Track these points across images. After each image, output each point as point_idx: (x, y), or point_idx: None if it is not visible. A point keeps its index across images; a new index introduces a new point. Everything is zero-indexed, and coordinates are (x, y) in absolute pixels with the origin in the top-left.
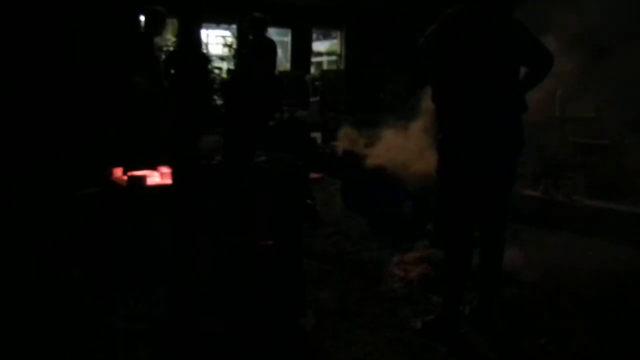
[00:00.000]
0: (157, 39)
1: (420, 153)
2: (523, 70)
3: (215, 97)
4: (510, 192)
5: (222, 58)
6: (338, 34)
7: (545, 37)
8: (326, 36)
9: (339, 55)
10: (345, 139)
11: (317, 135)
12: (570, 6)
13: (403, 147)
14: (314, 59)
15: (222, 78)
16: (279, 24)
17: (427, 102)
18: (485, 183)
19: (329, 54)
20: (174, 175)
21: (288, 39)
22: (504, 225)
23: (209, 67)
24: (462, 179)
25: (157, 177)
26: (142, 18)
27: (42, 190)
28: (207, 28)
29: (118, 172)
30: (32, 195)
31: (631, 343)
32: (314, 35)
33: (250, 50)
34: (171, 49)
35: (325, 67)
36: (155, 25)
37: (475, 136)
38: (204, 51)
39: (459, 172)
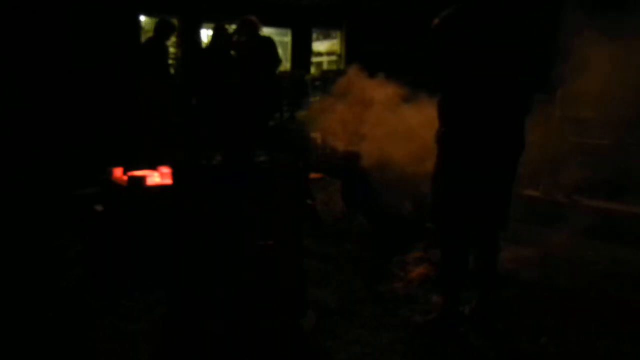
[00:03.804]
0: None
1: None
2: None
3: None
4: (510, 194)
5: None
6: (338, 34)
7: None
8: (326, 36)
9: (339, 55)
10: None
11: (317, 135)
12: None
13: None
14: (314, 59)
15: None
16: (279, 24)
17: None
18: (485, 179)
19: (329, 54)
20: (174, 175)
21: (288, 39)
22: (502, 227)
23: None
24: (462, 173)
25: (157, 177)
26: (142, 19)
27: (43, 190)
28: (207, 28)
29: (118, 172)
30: (33, 195)
31: (631, 344)
32: (314, 35)
33: (247, 51)
34: (171, 49)
35: (325, 67)
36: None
37: (480, 132)
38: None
39: (459, 167)
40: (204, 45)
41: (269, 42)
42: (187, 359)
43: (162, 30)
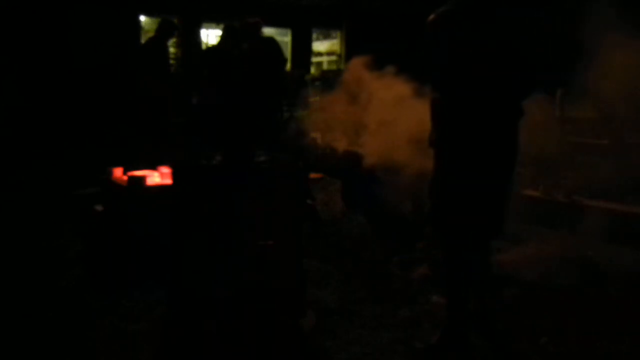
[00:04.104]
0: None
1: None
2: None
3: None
4: (507, 197)
5: None
6: (338, 34)
7: None
8: (326, 36)
9: (339, 55)
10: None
11: (317, 135)
12: None
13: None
14: (314, 59)
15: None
16: (279, 24)
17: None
18: (482, 181)
19: (329, 54)
20: (174, 175)
21: (288, 39)
22: (497, 231)
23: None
24: (459, 174)
25: (157, 177)
26: (142, 19)
27: (43, 190)
28: (207, 28)
29: (118, 172)
30: (33, 195)
31: (631, 344)
32: (314, 35)
33: (249, 52)
34: (171, 49)
35: (325, 67)
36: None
37: (475, 134)
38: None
39: (456, 168)
40: (208, 46)
41: (271, 42)
42: (187, 359)
43: (164, 30)
